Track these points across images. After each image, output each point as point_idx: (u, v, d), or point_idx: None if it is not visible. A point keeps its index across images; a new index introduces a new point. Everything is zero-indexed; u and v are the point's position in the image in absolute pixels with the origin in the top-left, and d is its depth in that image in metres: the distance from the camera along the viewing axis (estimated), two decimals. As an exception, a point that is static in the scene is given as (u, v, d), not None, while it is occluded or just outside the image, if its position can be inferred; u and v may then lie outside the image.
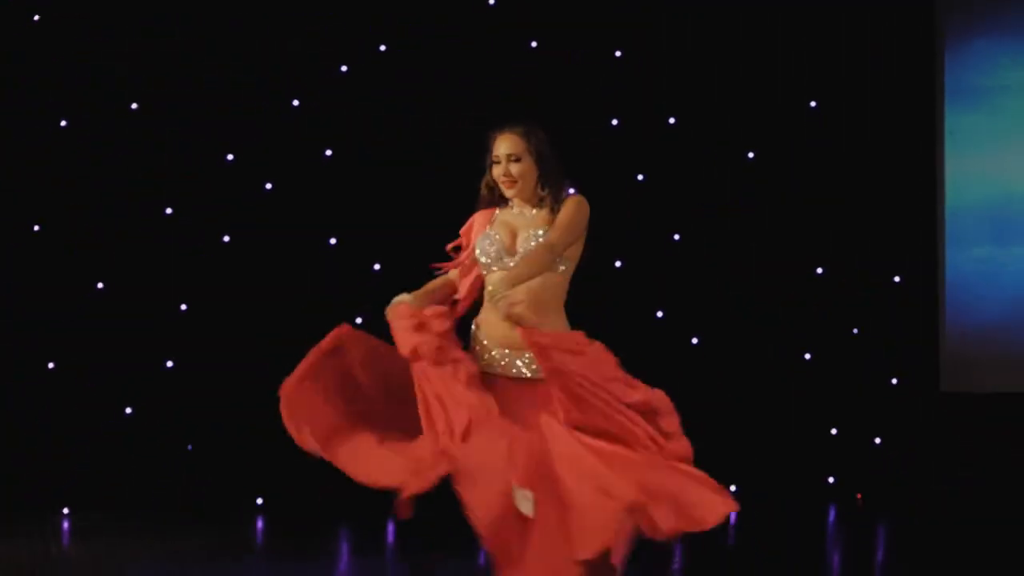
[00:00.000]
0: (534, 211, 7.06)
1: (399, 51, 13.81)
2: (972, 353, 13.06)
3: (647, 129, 13.98)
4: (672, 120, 13.96)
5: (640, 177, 13.88)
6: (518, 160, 6.97)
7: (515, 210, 7.11)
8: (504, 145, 7.01)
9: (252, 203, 13.58)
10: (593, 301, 8.28)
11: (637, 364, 6.93)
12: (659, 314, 13.86)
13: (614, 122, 13.89)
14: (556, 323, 6.95)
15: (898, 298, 13.69)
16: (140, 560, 10.90)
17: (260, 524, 13.11)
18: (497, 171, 7.04)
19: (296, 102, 13.51)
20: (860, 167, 13.58)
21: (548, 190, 7.03)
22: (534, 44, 13.78)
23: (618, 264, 13.86)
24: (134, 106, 13.49)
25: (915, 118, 13.41)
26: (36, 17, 13.44)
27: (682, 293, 13.96)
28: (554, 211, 6.99)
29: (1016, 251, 12.85)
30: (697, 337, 13.86)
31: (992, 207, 12.93)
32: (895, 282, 13.70)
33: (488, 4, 13.74)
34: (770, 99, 13.79)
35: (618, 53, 13.89)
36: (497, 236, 6.97)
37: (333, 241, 13.58)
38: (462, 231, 7.32)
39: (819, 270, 13.83)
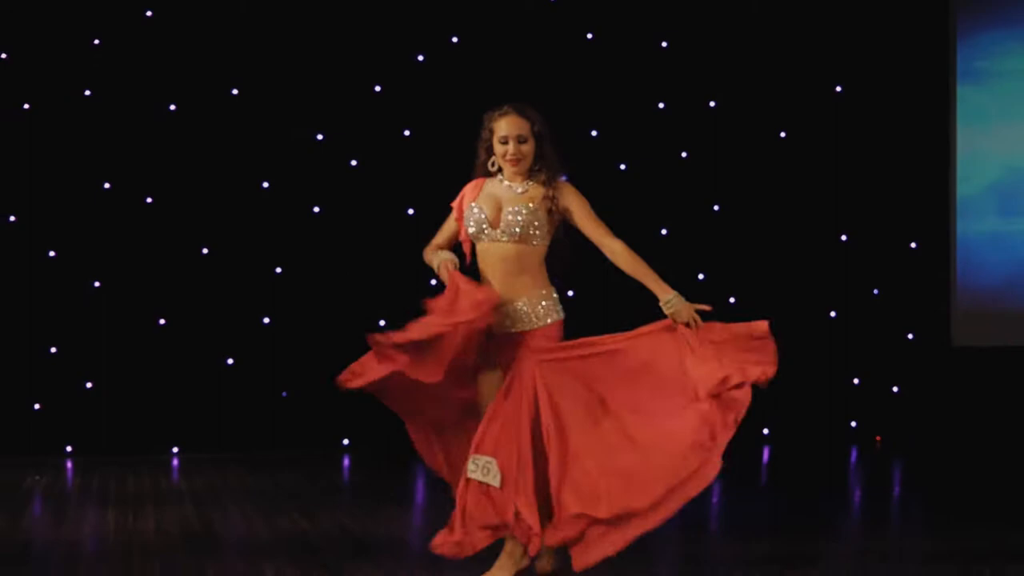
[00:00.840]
0: (521, 188, 7.01)
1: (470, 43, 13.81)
2: (980, 312, 13.05)
3: (691, 112, 13.98)
4: (713, 104, 13.93)
5: (684, 155, 13.86)
6: (524, 141, 6.97)
7: (505, 183, 7.08)
8: (513, 126, 7.00)
9: (338, 178, 13.66)
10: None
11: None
12: (700, 276, 13.87)
13: (661, 105, 13.89)
14: (532, 286, 6.99)
15: (914, 262, 13.71)
16: (239, 495, 10.99)
17: (346, 463, 13.20)
18: (502, 150, 7.01)
19: (378, 88, 13.52)
20: (880, 145, 13.58)
21: (544, 170, 7.01)
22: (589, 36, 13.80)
23: (664, 232, 13.86)
24: (235, 91, 13.53)
25: (929, 101, 13.42)
26: (148, 13, 13.46)
27: (722, 258, 13.97)
28: (548, 189, 6.97)
29: (1019, 221, 12.82)
30: (734, 297, 13.87)
31: (998, 182, 12.90)
32: (911, 248, 13.72)
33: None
34: (800, 85, 13.79)
35: (664, 44, 13.86)
36: (481, 210, 7.00)
37: (411, 211, 13.62)
38: (454, 203, 7.36)
39: (843, 237, 13.84)
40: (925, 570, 8.01)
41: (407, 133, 13.78)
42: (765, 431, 13.97)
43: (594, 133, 13.80)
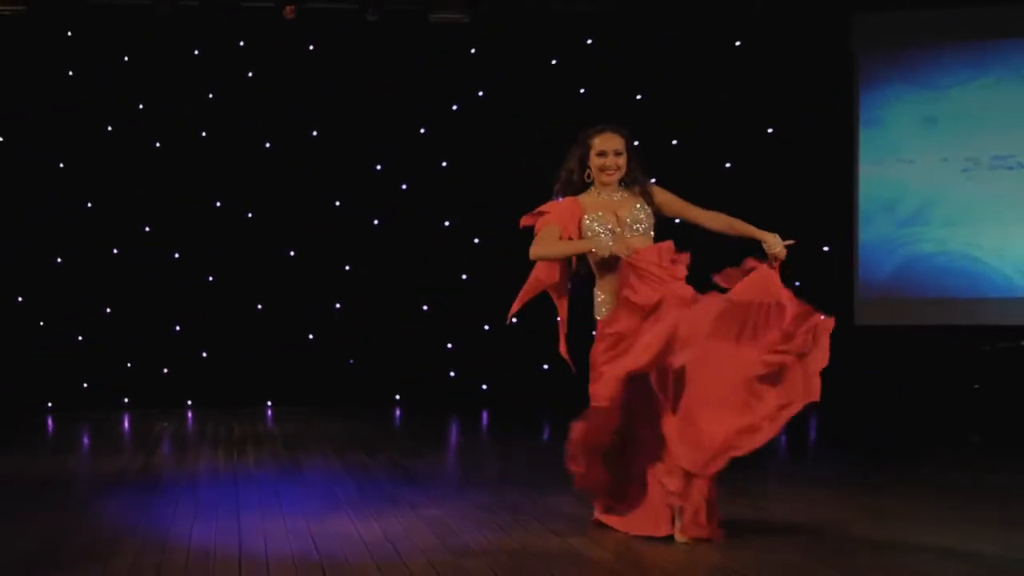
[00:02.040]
0: (619, 195, 6.57)
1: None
2: (875, 299, 13.02)
3: (656, 149, 13.91)
4: (675, 142, 13.85)
5: (653, 180, 13.82)
6: (620, 154, 6.54)
7: (601, 195, 6.60)
8: (610, 142, 6.56)
9: (392, 198, 13.70)
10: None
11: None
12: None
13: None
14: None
15: (827, 261, 13.65)
16: (317, 437, 10.99)
17: (397, 414, 13.20)
18: (600, 162, 6.53)
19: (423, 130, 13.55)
20: (801, 173, 13.48)
21: (635, 179, 6.60)
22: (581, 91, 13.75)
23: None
24: (314, 133, 13.54)
25: (839, 140, 13.34)
26: (249, 74, 13.45)
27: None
28: (643, 194, 6.60)
29: (904, 230, 12.79)
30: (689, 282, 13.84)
31: (889, 201, 12.86)
32: (824, 250, 13.66)
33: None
34: (742, 127, 13.70)
35: (639, 96, 13.79)
36: (600, 219, 6.49)
37: (447, 223, 13.64)
38: (551, 221, 6.69)
39: (773, 242, 13.81)
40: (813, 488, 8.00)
41: (444, 164, 13.78)
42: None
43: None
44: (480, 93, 13.78)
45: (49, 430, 11.91)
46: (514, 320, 6.95)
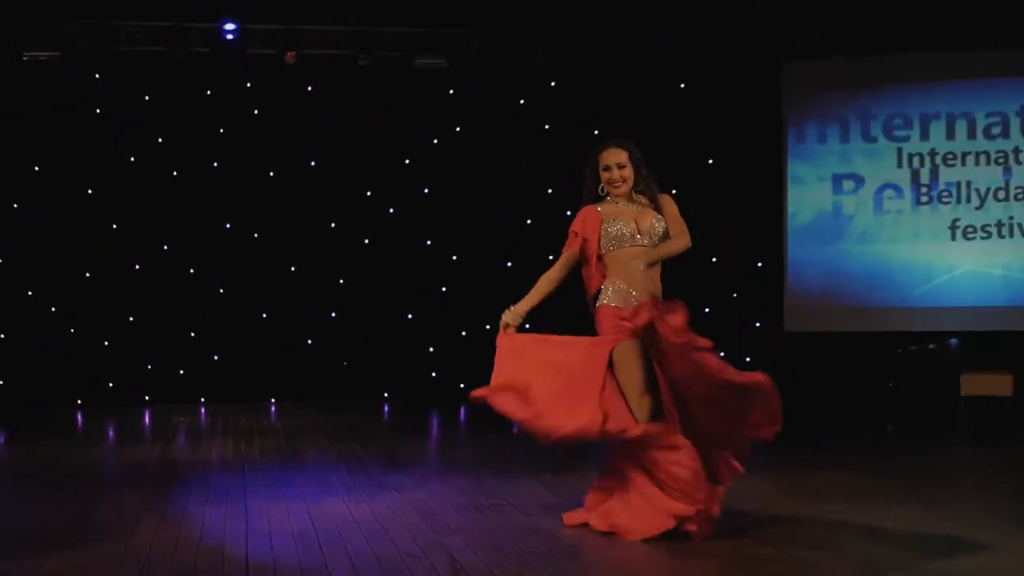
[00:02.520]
0: (635, 206, 6.21)
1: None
2: (802, 308, 13.08)
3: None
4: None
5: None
6: (623, 167, 6.21)
7: (619, 204, 6.23)
8: (613, 157, 6.25)
9: (381, 221, 13.70)
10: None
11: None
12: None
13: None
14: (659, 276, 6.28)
15: (760, 275, 13.72)
16: (314, 429, 10.98)
17: (386, 408, 13.19)
18: (607, 176, 6.22)
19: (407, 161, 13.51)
20: (738, 199, 13.52)
21: (644, 187, 6.27)
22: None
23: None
24: (312, 163, 13.54)
25: (771, 172, 13.36)
26: (255, 111, 13.46)
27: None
28: (653, 201, 6.29)
29: (828, 247, 12.86)
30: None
31: (812, 222, 12.92)
32: (758, 266, 13.73)
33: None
34: (686, 160, 13.72)
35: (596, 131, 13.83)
36: (621, 223, 6.11)
37: (428, 243, 13.64)
38: (575, 228, 6.27)
39: (714, 259, 13.83)
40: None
41: (426, 191, 13.81)
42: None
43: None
44: (457, 128, 13.81)
45: (79, 424, 11.87)
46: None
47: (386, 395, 13.76)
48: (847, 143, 12.82)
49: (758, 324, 13.82)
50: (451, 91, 13.70)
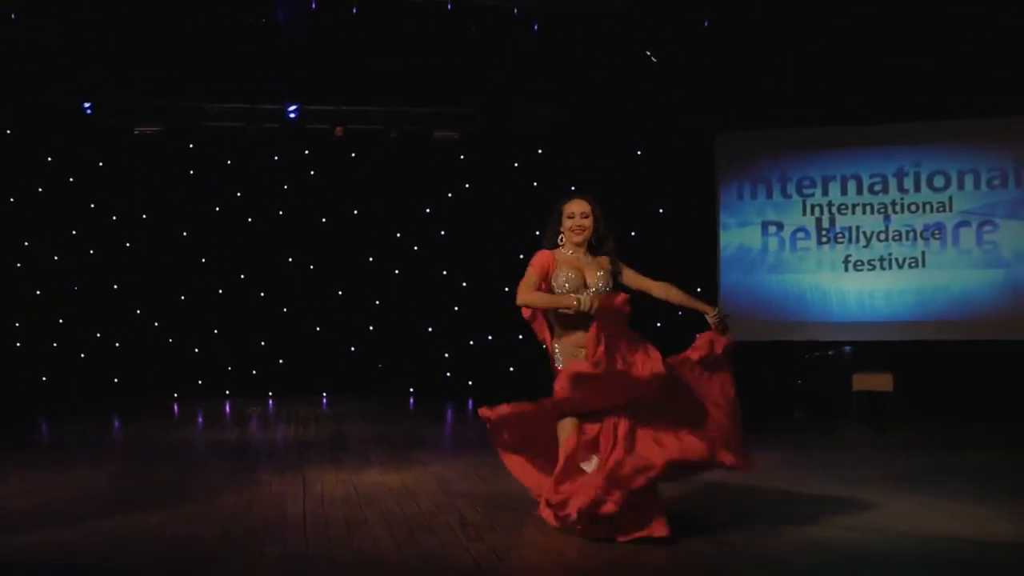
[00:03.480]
0: (588, 258, 5.35)
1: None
2: (732, 321, 12.99)
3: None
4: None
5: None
6: (587, 217, 5.34)
7: (570, 253, 5.33)
8: (578, 207, 5.36)
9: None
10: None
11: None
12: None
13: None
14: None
15: (699, 297, 13.61)
16: (356, 416, 10.94)
17: (411, 401, 13.13)
18: (570, 224, 5.32)
19: (427, 210, 13.42)
20: (681, 238, 13.49)
21: (599, 245, 5.39)
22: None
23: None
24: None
25: (708, 217, 13.32)
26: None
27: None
28: (610, 260, 5.40)
29: (750, 276, 12.81)
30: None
31: (739, 256, 12.88)
32: (699, 290, 13.65)
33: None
34: (640, 208, 13.70)
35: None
36: (570, 274, 5.22)
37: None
38: (535, 265, 5.27)
39: (663, 285, 13.77)
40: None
41: (442, 232, 13.79)
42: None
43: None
44: (467, 185, 13.80)
45: (175, 411, 11.82)
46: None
47: (411, 389, 13.66)
48: (766, 197, 12.80)
49: (695, 335, 13.73)
50: (461, 156, 13.70)
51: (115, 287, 13.11)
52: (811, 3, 11.44)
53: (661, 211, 13.85)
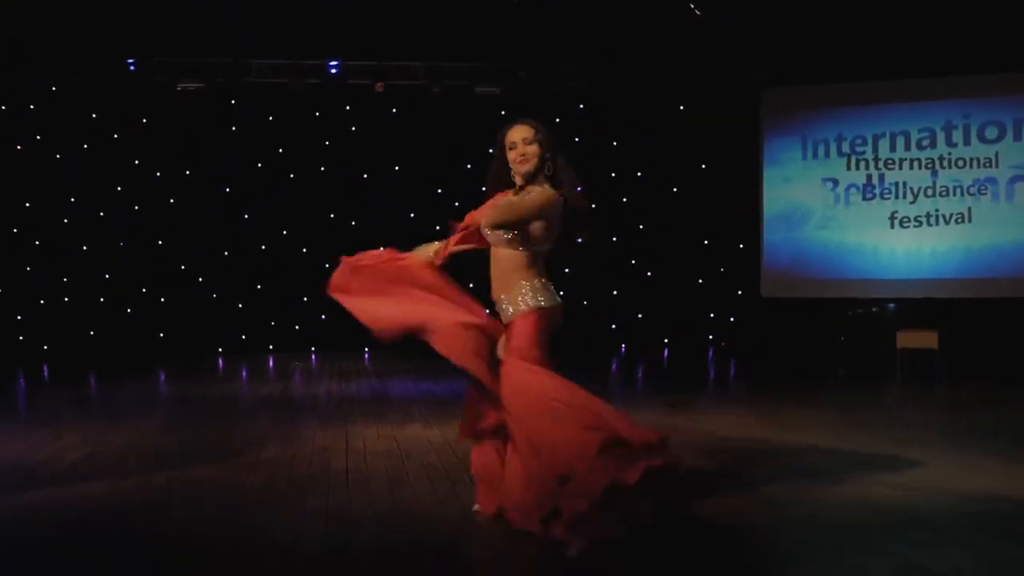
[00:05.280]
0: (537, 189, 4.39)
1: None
2: (774, 279, 12.95)
3: (651, 192, 13.83)
4: (614, 174, 13.79)
5: (624, 198, 13.69)
6: (530, 143, 4.36)
7: (520, 193, 4.43)
8: (519, 133, 4.40)
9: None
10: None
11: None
12: (633, 262, 13.73)
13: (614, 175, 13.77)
14: (516, 288, 4.38)
15: (742, 254, 13.61)
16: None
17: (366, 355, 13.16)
18: (512, 155, 4.41)
19: (468, 166, 13.40)
20: (724, 195, 13.44)
21: (552, 173, 4.40)
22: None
23: (614, 239, 13.77)
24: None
25: (751, 172, 13.23)
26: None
27: (649, 257, 13.87)
28: (559, 188, 4.39)
29: (795, 233, 12.71)
30: (652, 272, 13.82)
31: (784, 213, 12.78)
32: (740, 247, 13.62)
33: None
34: (685, 164, 13.65)
35: (614, 143, 13.71)
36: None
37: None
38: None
39: (706, 242, 13.76)
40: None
41: (483, 188, 13.74)
42: (666, 340, 13.91)
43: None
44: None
45: (220, 366, 11.98)
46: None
47: (367, 352, 13.71)
48: (812, 153, 12.65)
49: (740, 292, 13.72)
50: (503, 112, 13.61)
51: (160, 243, 13.25)
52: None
53: (704, 167, 13.74)
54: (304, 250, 13.50)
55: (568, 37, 12.54)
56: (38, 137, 12.88)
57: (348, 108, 13.46)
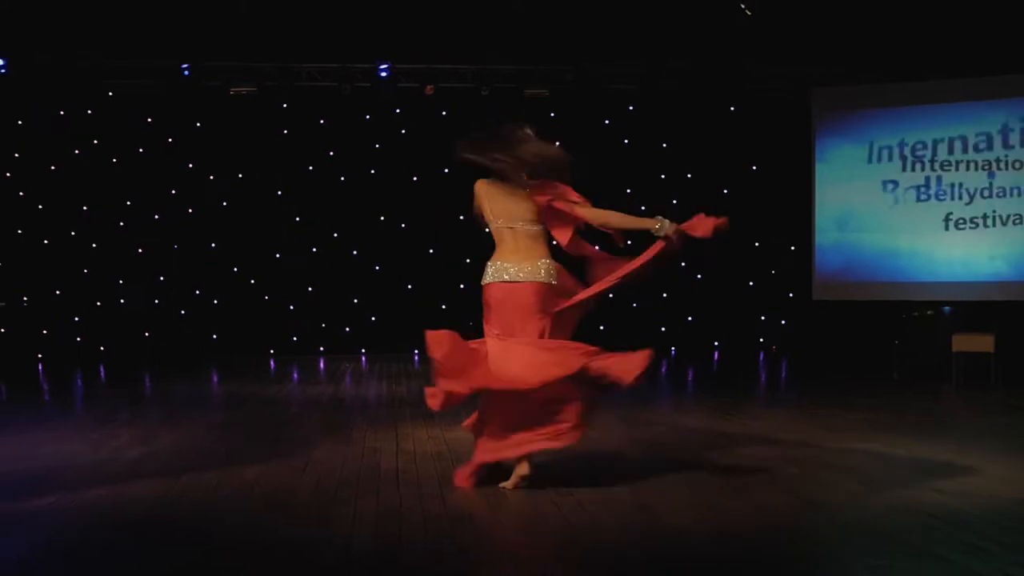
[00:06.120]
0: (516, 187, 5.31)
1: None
2: (825, 283, 12.84)
3: (700, 192, 13.80)
4: (663, 176, 13.76)
5: (675, 201, 13.67)
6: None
7: (504, 184, 5.37)
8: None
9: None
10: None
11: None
12: (685, 264, 13.72)
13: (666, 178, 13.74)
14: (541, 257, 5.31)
15: (794, 256, 13.51)
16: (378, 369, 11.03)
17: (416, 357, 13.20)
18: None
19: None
20: (776, 197, 13.38)
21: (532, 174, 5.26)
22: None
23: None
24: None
25: (801, 173, 13.11)
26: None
27: (697, 255, 13.82)
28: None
29: (849, 236, 12.61)
30: (701, 274, 13.76)
31: (836, 214, 12.69)
32: (791, 249, 13.53)
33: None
34: (736, 166, 13.60)
35: (664, 146, 13.69)
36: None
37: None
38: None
39: (756, 244, 13.68)
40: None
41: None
42: (716, 342, 13.85)
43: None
44: (557, 143, 13.67)
45: (271, 368, 12.12)
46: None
47: (416, 354, 13.76)
48: (865, 153, 12.53)
49: (791, 294, 13.63)
50: (552, 114, 13.66)
51: (213, 246, 13.43)
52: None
53: (755, 168, 13.67)
54: (354, 252, 13.62)
55: (616, 38, 12.54)
56: (95, 141, 13.13)
57: (398, 111, 13.55)
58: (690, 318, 13.87)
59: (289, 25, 12.09)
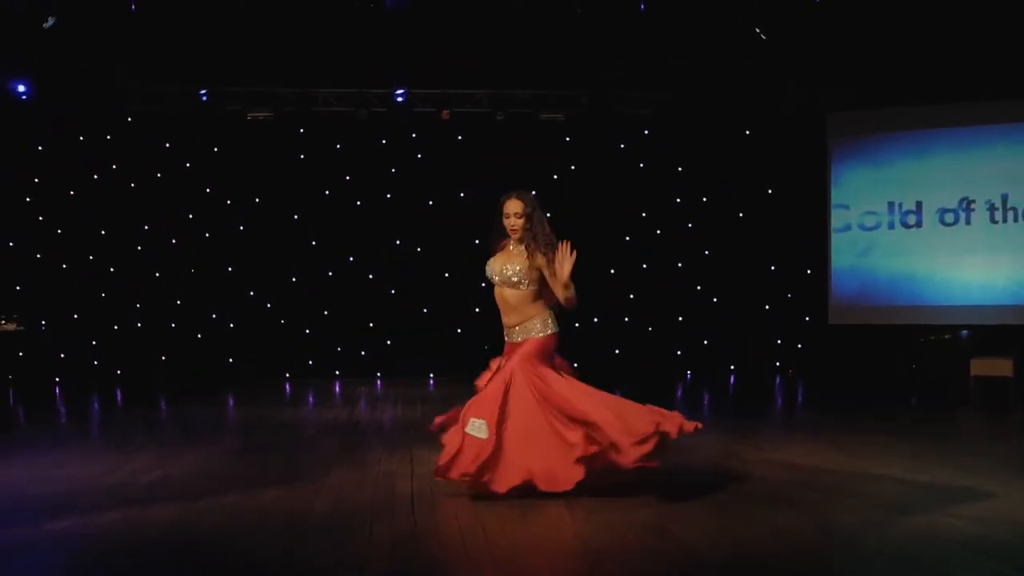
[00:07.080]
0: (519, 247, 5.76)
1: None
2: (841, 307, 12.81)
3: (716, 218, 13.78)
4: (679, 200, 13.75)
5: (690, 225, 13.62)
6: (520, 217, 5.69)
7: (512, 248, 5.78)
8: (512, 207, 5.74)
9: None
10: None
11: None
12: (698, 288, 13.67)
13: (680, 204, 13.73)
14: (534, 317, 5.83)
15: (809, 280, 13.48)
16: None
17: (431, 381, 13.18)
18: (507, 223, 5.75)
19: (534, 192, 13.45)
20: (791, 220, 13.37)
21: (530, 239, 5.70)
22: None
23: (679, 264, 13.73)
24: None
25: (817, 197, 13.13)
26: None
27: (717, 280, 13.79)
28: (532, 252, 5.70)
29: (863, 258, 12.59)
30: (718, 298, 13.72)
31: (852, 238, 12.67)
32: (808, 273, 13.49)
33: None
34: (752, 190, 13.59)
35: (682, 166, 13.70)
36: (494, 264, 5.84)
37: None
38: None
39: (772, 267, 13.64)
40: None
41: (549, 215, 13.75)
42: (732, 366, 13.80)
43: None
44: (572, 167, 13.78)
45: (287, 391, 12.12)
46: None
47: (431, 377, 13.72)
48: (880, 177, 12.53)
49: (807, 318, 13.58)
50: (567, 139, 13.69)
51: (229, 269, 13.49)
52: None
53: (770, 191, 13.66)
54: (370, 276, 13.65)
55: (632, 62, 12.57)
56: (114, 166, 13.23)
57: (414, 136, 13.61)
58: (706, 341, 13.83)
59: (306, 51, 12.17)
